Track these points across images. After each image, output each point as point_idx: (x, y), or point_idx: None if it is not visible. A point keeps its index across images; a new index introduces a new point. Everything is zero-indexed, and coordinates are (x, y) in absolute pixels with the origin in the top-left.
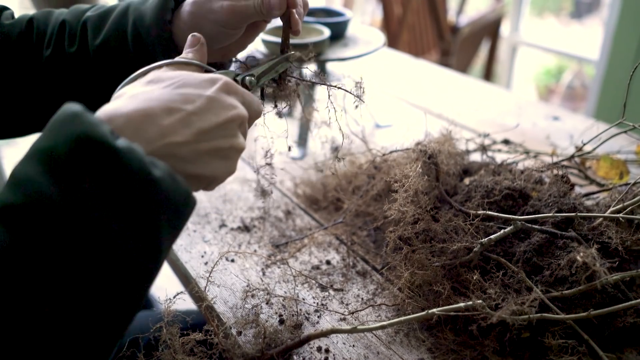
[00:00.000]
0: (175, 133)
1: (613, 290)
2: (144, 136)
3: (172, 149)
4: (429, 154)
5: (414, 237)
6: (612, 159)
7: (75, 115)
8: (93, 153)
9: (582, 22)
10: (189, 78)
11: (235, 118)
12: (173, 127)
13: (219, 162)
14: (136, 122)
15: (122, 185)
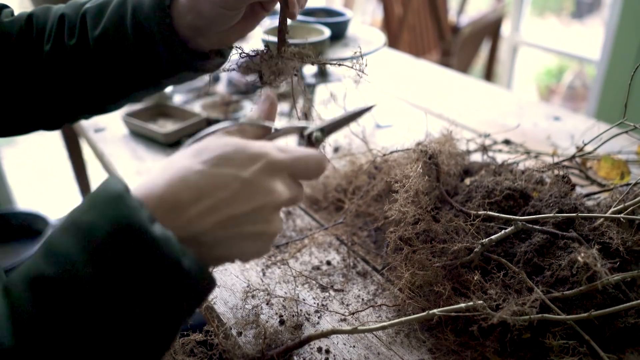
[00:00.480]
0: (200, 222)
1: (614, 291)
2: (172, 223)
3: (198, 237)
4: (429, 154)
5: (414, 237)
6: (613, 159)
7: (118, 197)
8: (131, 239)
9: (583, 22)
10: (231, 154)
11: (267, 205)
12: (199, 216)
13: (248, 245)
14: (167, 207)
15: (154, 272)
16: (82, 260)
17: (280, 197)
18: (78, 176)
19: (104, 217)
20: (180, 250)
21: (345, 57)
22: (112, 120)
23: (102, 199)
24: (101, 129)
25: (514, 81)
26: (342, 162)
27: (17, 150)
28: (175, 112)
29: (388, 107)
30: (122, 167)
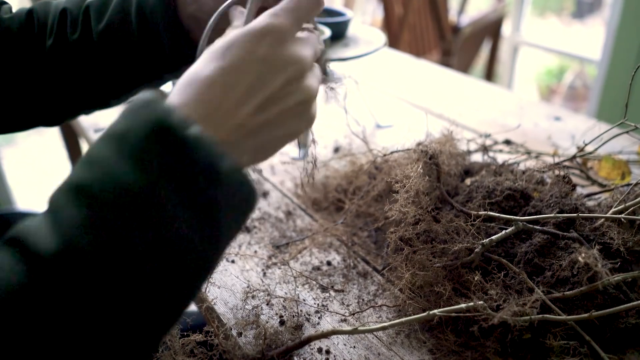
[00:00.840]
0: (238, 114)
1: (615, 291)
2: (211, 125)
3: (242, 130)
4: (430, 155)
5: (415, 238)
6: (614, 160)
7: (150, 101)
8: (167, 141)
9: (583, 22)
10: (238, 42)
11: (295, 71)
12: (236, 108)
13: (293, 120)
14: (201, 111)
15: (189, 174)
16: (120, 165)
17: (303, 59)
18: None
19: (137, 122)
20: (217, 154)
21: (346, 57)
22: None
23: (136, 106)
24: (101, 129)
25: (515, 81)
26: (343, 163)
27: (17, 150)
28: None
29: (388, 107)
30: None
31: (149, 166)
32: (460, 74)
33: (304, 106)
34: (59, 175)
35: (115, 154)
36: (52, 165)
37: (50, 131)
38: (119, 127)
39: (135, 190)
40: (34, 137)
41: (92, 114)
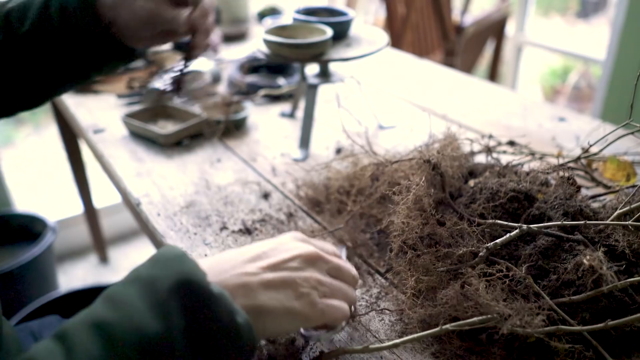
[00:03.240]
0: (244, 266)
1: (620, 294)
2: (217, 271)
3: (243, 278)
4: (433, 165)
5: (419, 241)
6: (619, 161)
7: (180, 255)
8: (192, 293)
9: (588, 22)
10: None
11: (301, 253)
12: (243, 263)
13: (286, 294)
14: (213, 264)
15: (211, 326)
16: (144, 309)
17: (313, 249)
18: (77, 178)
19: (166, 272)
20: (235, 308)
21: (348, 57)
22: (112, 121)
23: (165, 257)
24: (100, 130)
25: (519, 82)
26: (345, 164)
27: (16, 152)
28: (176, 113)
29: (391, 107)
30: (121, 168)
31: (171, 314)
32: (463, 74)
33: (299, 287)
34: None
35: (141, 298)
36: (51, 166)
37: (49, 132)
38: (146, 273)
39: (153, 337)
40: (32, 138)
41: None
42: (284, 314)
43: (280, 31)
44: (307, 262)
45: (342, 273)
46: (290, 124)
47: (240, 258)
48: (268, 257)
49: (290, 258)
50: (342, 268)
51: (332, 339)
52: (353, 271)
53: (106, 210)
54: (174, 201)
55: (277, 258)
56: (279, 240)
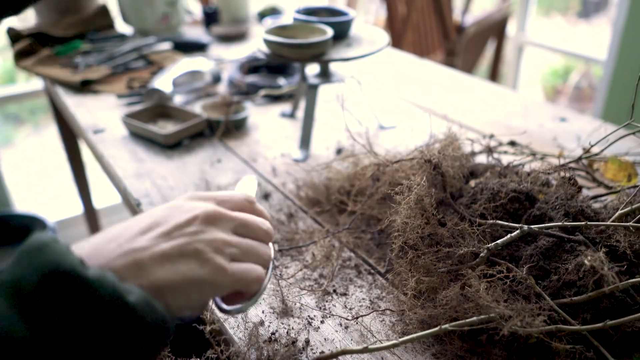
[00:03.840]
0: (133, 241)
1: (621, 295)
2: (102, 252)
3: (133, 255)
4: (434, 165)
5: (419, 242)
6: (620, 161)
7: (43, 245)
8: (63, 284)
9: (589, 22)
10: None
11: (198, 214)
12: (132, 237)
13: (187, 264)
14: (97, 244)
15: (95, 315)
16: (15, 319)
17: (212, 207)
18: (77, 178)
19: (31, 268)
20: (123, 288)
21: (348, 57)
22: (112, 122)
23: (28, 252)
24: (100, 130)
25: (520, 82)
26: (345, 164)
27: (16, 152)
28: (176, 113)
29: (392, 107)
30: (121, 168)
31: (47, 317)
32: (464, 74)
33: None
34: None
35: (8, 308)
36: (50, 166)
37: (49, 132)
38: (9, 276)
39: (34, 347)
40: (32, 138)
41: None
42: (189, 286)
43: (281, 31)
44: (208, 223)
45: (251, 229)
46: (291, 124)
47: (128, 232)
48: (160, 225)
49: (186, 221)
50: (251, 224)
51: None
52: (265, 225)
53: (106, 211)
54: None
55: (171, 224)
56: (173, 204)
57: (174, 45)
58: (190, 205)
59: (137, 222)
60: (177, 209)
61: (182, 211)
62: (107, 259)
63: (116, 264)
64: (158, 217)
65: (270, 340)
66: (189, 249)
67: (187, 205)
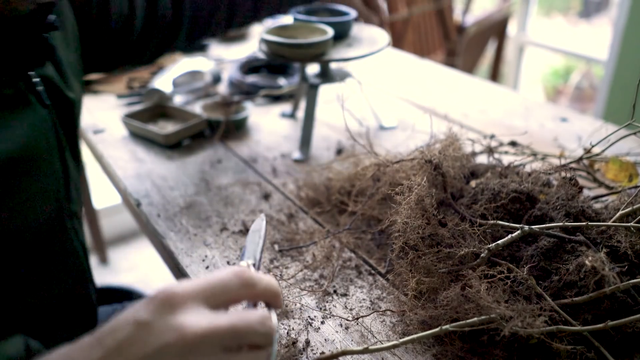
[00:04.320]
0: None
1: (622, 295)
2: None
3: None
4: (434, 165)
5: (420, 242)
6: (621, 161)
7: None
8: None
9: (590, 22)
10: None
11: (173, 342)
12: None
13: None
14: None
15: None
16: None
17: (190, 329)
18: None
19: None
20: None
21: (349, 57)
22: (112, 122)
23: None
24: (100, 130)
25: (520, 82)
26: (346, 164)
27: None
28: (176, 113)
29: (392, 107)
30: (121, 169)
31: None
32: (465, 74)
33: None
34: None
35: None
36: None
37: None
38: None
39: None
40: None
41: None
42: None
43: (281, 31)
44: (183, 355)
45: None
46: (291, 124)
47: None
48: (121, 356)
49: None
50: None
51: None
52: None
53: (106, 211)
54: (174, 202)
55: (135, 357)
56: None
57: None
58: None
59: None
60: (146, 330)
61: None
62: None
63: None
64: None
65: None
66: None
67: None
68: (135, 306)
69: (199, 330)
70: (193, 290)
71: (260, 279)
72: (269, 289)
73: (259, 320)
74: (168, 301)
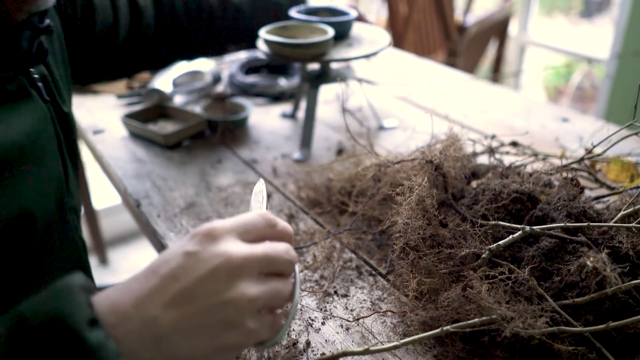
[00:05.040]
0: (150, 306)
1: (624, 296)
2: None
3: (153, 327)
4: (435, 165)
5: (421, 243)
6: (622, 162)
7: (68, 289)
8: (61, 338)
9: (592, 22)
10: (172, 245)
11: (219, 266)
12: (148, 300)
13: (212, 333)
14: (118, 302)
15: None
16: (7, 350)
17: (237, 252)
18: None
19: (43, 307)
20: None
21: (349, 57)
22: (111, 122)
23: (53, 290)
24: (100, 130)
25: (522, 82)
26: (346, 164)
27: None
28: (176, 113)
29: (393, 107)
30: (121, 169)
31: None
32: (466, 74)
33: (230, 310)
34: None
35: (6, 336)
36: None
37: None
38: (26, 306)
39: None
40: None
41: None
42: (214, 354)
43: (281, 31)
44: (232, 275)
45: (276, 265)
46: (292, 124)
47: (145, 291)
48: (179, 280)
49: (208, 275)
50: (275, 259)
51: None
52: (289, 254)
53: (106, 212)
54: (174, 202)
55: (190, 279)
56: (189, 251)
57: None
58: (210, 252)
59: (151, 274)
60: (195, 258)
61: (201, 261)
62: (123, 324)
63: (132, 334)
64: (175, 270)
65: None
66: (214, 319)
67: (206, 252)
68: (179, 242)
69: (241, 254)
70: (229, 226)
71: (279, 220)
72: (286, 229)
73: (285, 250)
74: (210, 234)
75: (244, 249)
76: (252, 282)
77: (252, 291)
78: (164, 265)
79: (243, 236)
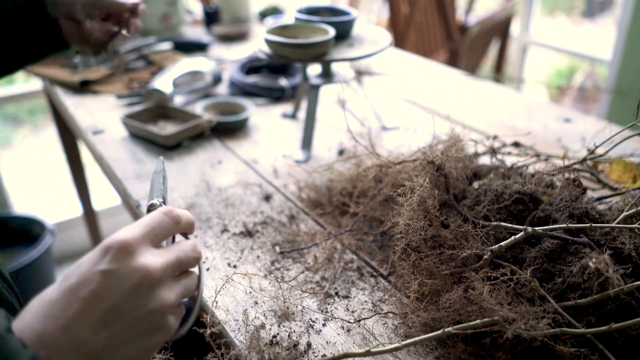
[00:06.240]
0: (81, 328)
1: (626, 298)
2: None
3: (86, 348)
4: (437, 166)
5: (422, 244)
6: (625, 162)
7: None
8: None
9: (594, 22)
10: (83, 259)
11: (141, 280)
12: (75, 321)
13: (139, 341)
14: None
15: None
16: None
17: (155, 264)
18: (76, 180)
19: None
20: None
21: (351, 57)
22: (111, 122)
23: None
24: (100, 131)
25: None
26: (347, 165)
27: (14, 153)
28: (176, 114)
29: (394, 108)
30: (121, 169)
31: None
32: (467, 74)
33: (157, 316)
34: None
35: None
36: (49, 168)
37: (48, 133)
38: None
39: None
40: (31, 140)
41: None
42: (145, 355)
43: (282, 31)
44: (151, 287)
45: (184, 266)
46: (292, 125)
47: (70, 316)
48: (102, 302)
49: (129, 293)
50: (183, 261)
51: None
52: (194, 252)
53: (106, 213)
54: (175, 203)
55: (113, 299)
56: (106, 270)
57: (174, 45)
58: (128, 268)
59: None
60: (115, 277)
61: (121, 279)
62: (59, 357)
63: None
64: (96, 290)
65: (271, 343)
66: (142, 328)
67: (125, 268)
68: (91, 257)
69: (158, 266)
70: (140, 234)
71: (182, 213)
72: (189, 221)
73: (192, 249)
74: (124, 249)
75: (159, 260)
76: (169, 288)
77: (171, 296)
78: (83, 287)
79: (153, 241)
